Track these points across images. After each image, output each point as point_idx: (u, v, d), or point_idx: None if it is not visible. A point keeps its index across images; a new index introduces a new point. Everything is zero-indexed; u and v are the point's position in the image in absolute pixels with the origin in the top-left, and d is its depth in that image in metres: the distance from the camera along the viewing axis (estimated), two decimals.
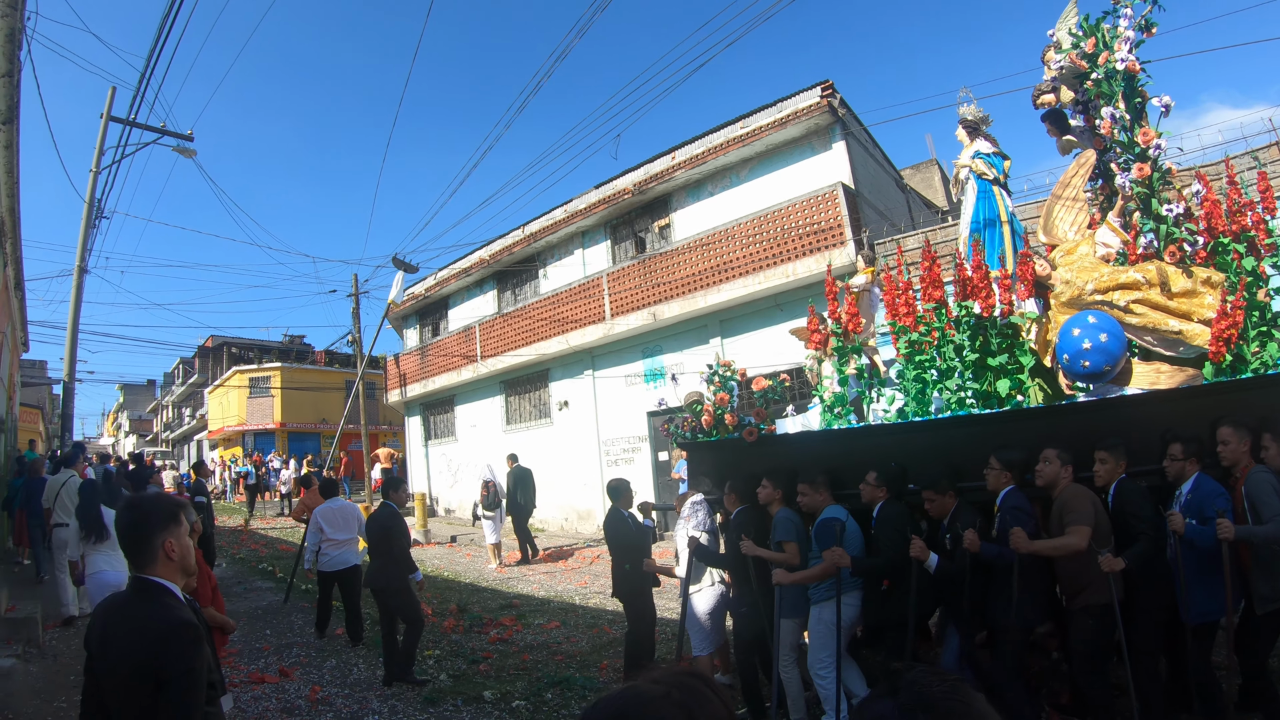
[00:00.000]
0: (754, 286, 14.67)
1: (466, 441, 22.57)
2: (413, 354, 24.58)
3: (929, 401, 5.80)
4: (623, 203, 17.64)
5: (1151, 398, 5.02)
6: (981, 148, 6.78)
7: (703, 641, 6.22)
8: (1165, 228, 5.65)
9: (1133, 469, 4.75)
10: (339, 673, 7.69)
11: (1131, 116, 5.83)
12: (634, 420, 17.55)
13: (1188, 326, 5.20)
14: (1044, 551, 4.58)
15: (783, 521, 5.59)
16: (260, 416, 36.10)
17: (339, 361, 39.38)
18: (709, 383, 6.91)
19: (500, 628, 9.31)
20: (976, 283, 5.56)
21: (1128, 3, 5.84)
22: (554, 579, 12.67)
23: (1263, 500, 4.31)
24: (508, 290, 21.73)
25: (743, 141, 15.39)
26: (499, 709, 6.47)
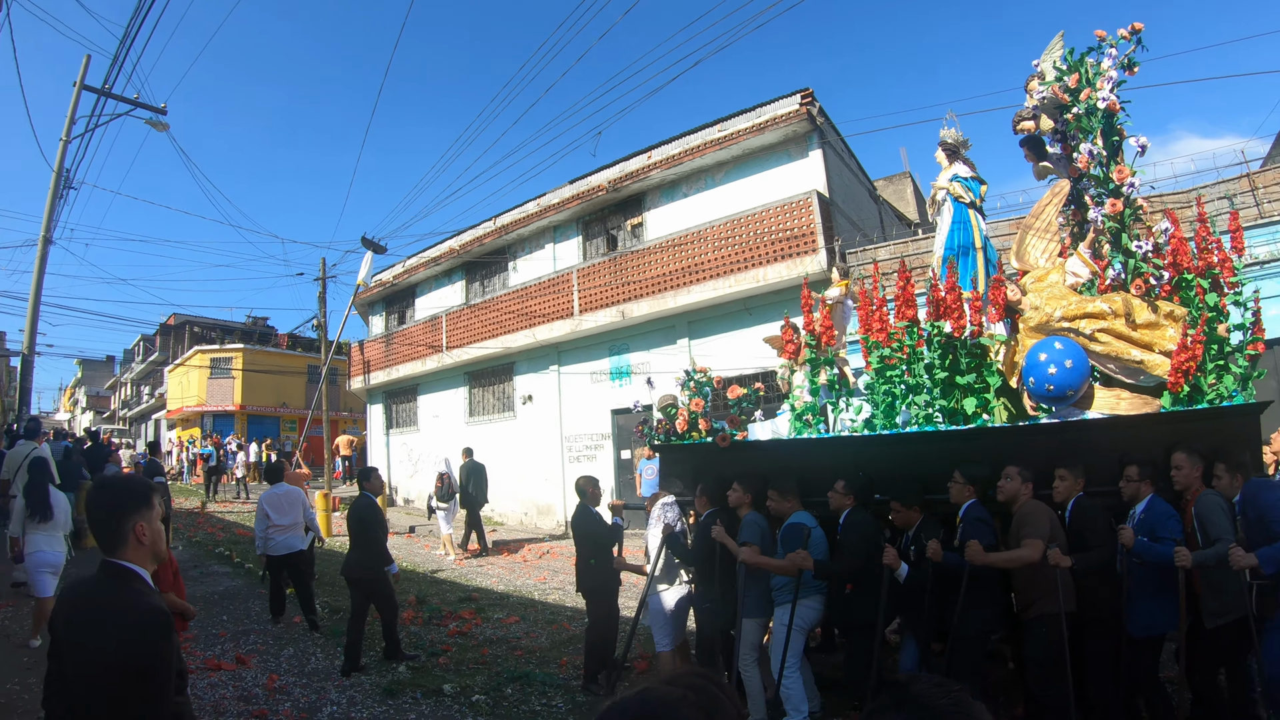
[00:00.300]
0: (724, 289, 14.75)
1: (428, 432, 22.46)
2: (377, 341, 24.46)
3: (896, 414, 6.00)
4: (596, 199, 17.65)
5: (1112, 423, 5.28)
6: (960, 171, 6.94)
7: (664, 638, 6.38)
8: (1133, 262, 5.89)
9: (1090, 489, 5.00)
10: (296, 661, 7.64)
11: (1108, 153, 6.03)
12: (598, 417, 17.58)
13: (1149, 357, 5.45)
14: (998, 563, 4.81)
15: (749, 525, 5.75)
16: (220, 398, 35.61)
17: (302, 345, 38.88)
18: (684, 387, 7.07)
19: (459, 621, 9.29)
20: (949, 303, 5.74)
21: (1112, 42, 6.02)
22: (513, 573, 12.67)
23: (1212, 522, 4.56)
24: (476, 281, 21.63)
25: (720, 145, 15.45)
26: (459, 703, 6.45)
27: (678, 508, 6.64)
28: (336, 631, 8.46)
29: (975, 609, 4.91)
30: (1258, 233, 11.80)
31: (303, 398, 36.57)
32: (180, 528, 16.44)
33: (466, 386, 21.52)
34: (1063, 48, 6.44)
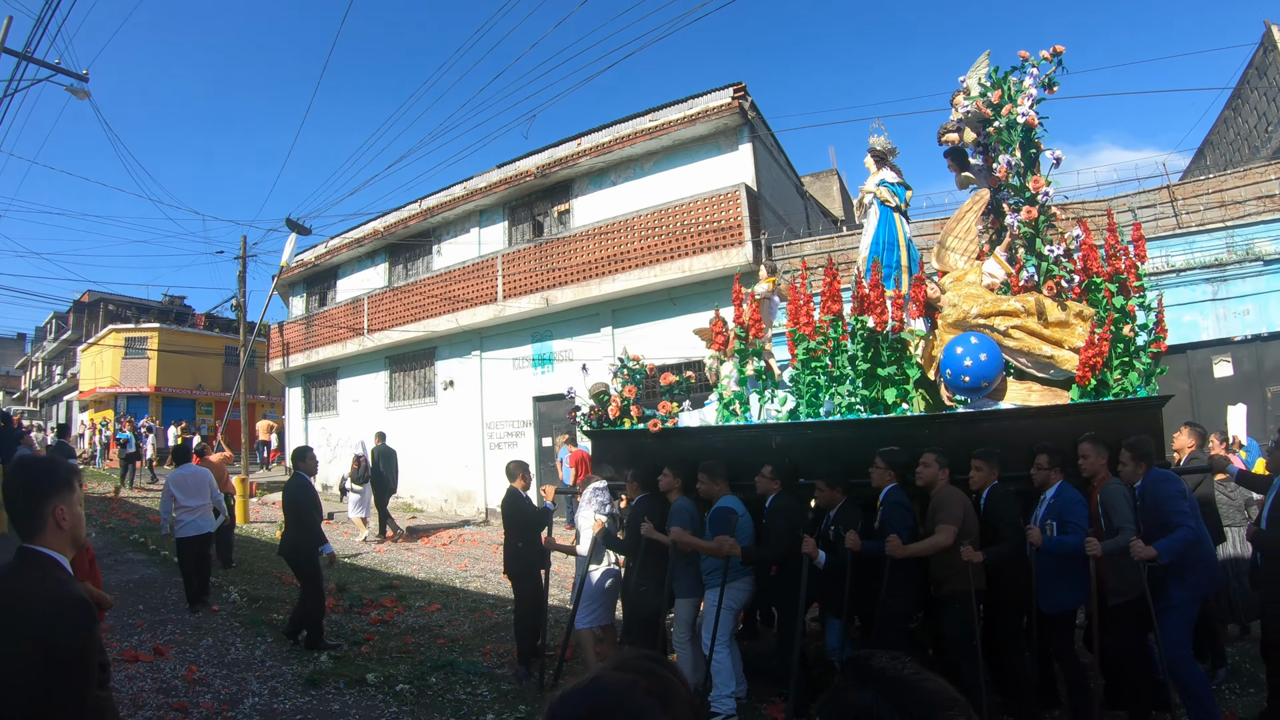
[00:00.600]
0: (649, 279, 14.89)
1: (348, 416, 22.16)
2: (297, 323, 24.05)
3: (820, 404, 6.30)
4: (524, 184, 17.65)
5: (1023, 413, 5.69)
6: (887, 177, 7.28)
7: (588, 616, 6.60)
8: (1046, 265, 6.29)
9: (1004, 474, 5.36)
10: (216, 652, 7.51)
11: (1025, 164, 6.40)
12: (520, 404, 17.65)
13: (1059, 352, 5.84)
14: (916, 554, 5.14)
15: (679, 509, 6.00)
16: (135, 379, 34.38)
17: (219, 326, 37.66)
18: (617, 375, 7.29)
19: (381, 609, 9.28)
20: (873, 300, 6.06)
21: (1034, 62, 6.40)
22: (434, 560, 12.69)
23: (1115, 509, 4.95)
24: (399, 264, 21.44)
25: (650, 134, 15.57)
26: (382, 692, 6.42)
27: (608, 490, 6.85)
28: (256, 620, 8.41)
29: (896, 590, 5.21)
30: (1176, 242, 12.37)
31: (219, 380, 35.55)
32: (94, 514, 16.03)
33: (387, 371, 21.35)
34: (988, 65, 6.79)
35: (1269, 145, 14.45)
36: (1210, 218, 12.49)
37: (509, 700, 6.28)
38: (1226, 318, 12.09)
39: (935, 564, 5.27)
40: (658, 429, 6.65)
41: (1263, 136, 14.93)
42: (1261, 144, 14.90)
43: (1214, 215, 12.51)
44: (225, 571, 11.15)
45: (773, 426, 6.35)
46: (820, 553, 5.39)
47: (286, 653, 7.43)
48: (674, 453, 6.43)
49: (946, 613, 5.31)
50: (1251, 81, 15.07)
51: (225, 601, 9.39)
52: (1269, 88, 14.30)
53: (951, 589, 5.20)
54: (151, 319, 37.35)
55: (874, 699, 1.06)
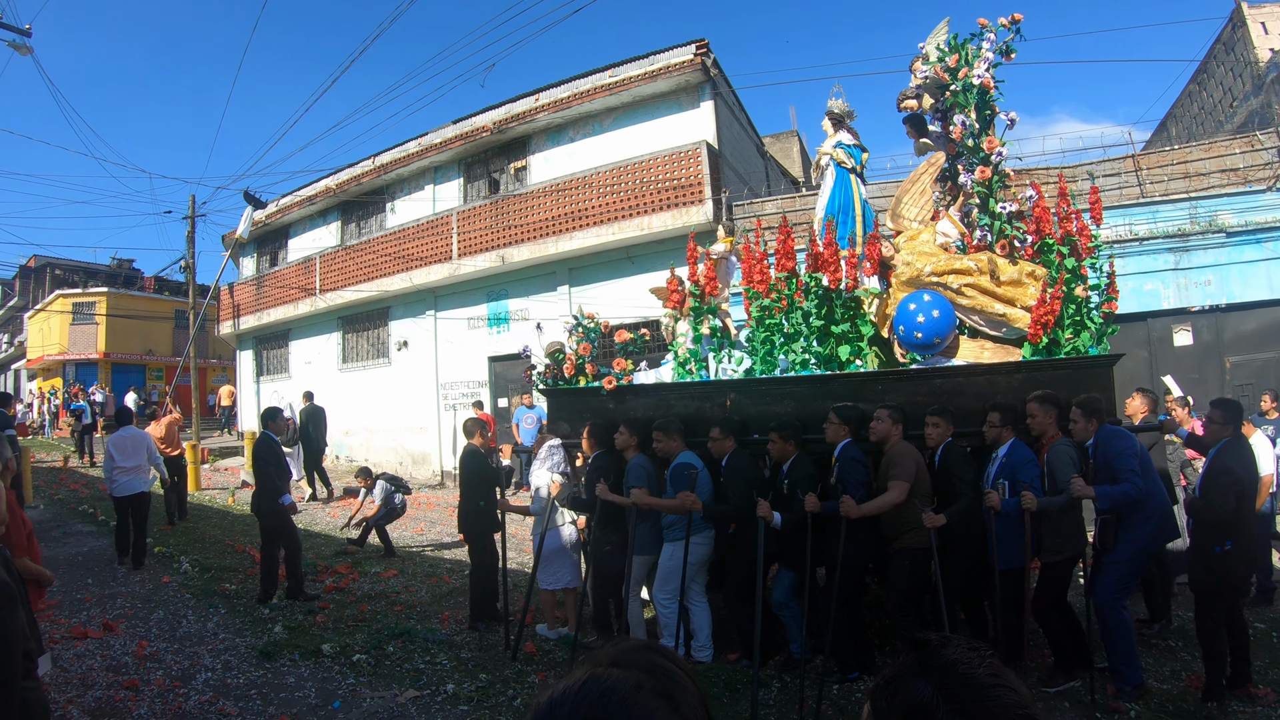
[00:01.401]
0: (608, 236, 14.86)
1: (300, 379, 21.74)
2: (248, 284, 23.61)
3: (775, 363, 6.43)
4: (480, 140, 17.42)
5: (975, 370, 5.86)
6: (844, 139, 7.41)
7: (550, 577, 6.73)
8: (999, 224, 6.48)
9: (957, 430, 5.52)
10: (167, 625, 7.35)
11: (981, 126, 6.60)
12: (475, 364, 17.56)
13: (1011, 311, 6.00)
14: (871, 512, 5.27)
15: (636, 467, 6.10)
16: (83, 345, 33.47)
17: (169, 289, 36.65)
18: (571, 333, 7.36)
19: (336, 576, 9.17)
20: (827, 258, 6.19)
21: (992, 30, 6.58)
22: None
23: (1059, 470, 5.13)
24: (352, 222, 21.13)
25: (610, 90, 15.44)
26: (339, 663, 6.29)
27: (563, 449, 6.93)
28: (209, 591, 8.33)
29: (851, 543, 5.30)
30: (1139, 212, 12.57)
31: (169, 344, 34.73)
32: (42, 485, 15.87)
33: (340, 332, 21.07)
34: (947, 32, 6.93)
35: (1233, 120, 14.55)
36: (1174, 188, 12.84)
37: (469, 669, 6.17)
38: (1188, 288, 12.28)
39: (887, 519, 5.41)
40: (612, 386, 6.72)
41: (1227, 111, 15.04)
42: (1226, 118, 15.03)
43: (1178, 186, 12.79)
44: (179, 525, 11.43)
45: (727, 383, 6.45)
46: (775, 514, 5.47)
47: (240, 624, 7.29)
48: (629, 410, 6.55)
49: (893, 567, 5.49)
50: (1218, 57, 15.20)
51: (176, 572, 9.23)
52: (1236, 63, 14.41)
53: (902, 545, 5.37)
54: (99, 283, 36.31)
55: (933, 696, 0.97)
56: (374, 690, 5.76)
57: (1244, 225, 12.04)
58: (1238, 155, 12.57)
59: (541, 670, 6.04)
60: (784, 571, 5.94)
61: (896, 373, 6.03)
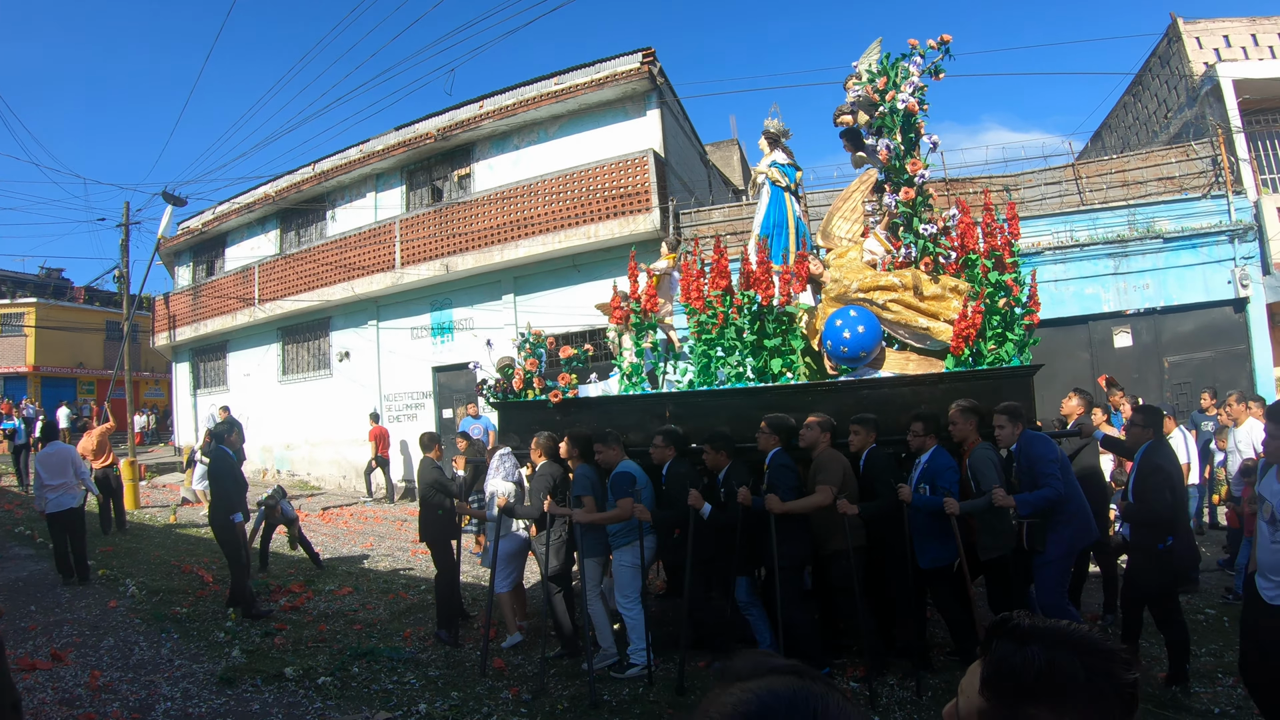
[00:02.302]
0: (553, 245, 15.12)
1: (239, 391, 21.56)
2: (184, 294, 23.29)
3: (714, 375, 6.83)
4: (423, 148, 17.59)
5: (900, 380, 6.31)
6: (779, 158, 7.80)
7: (504, 581, 7.04)
8: (922, 242, 6.91)
9: (882, 438, 5.92)
10: (119, 653, 7.03)
11: (905, 148, 6.98)
12: (419, 375, 17.65)
13: (934, 324, 6.42)
14: (795, 510, 5.69)
15: (580, 478, 6.47)
16: (11, 358, 32.42)
17: (100, 299, 35.52)
18: (520, 349, 7.66)
19: (290, 595, 9.06)
20: (759, 276, 6.59)
21: (921, 51, 6.96)
22: (338, 540, 12.64)
23: (981, 474, 5.54)
24: (292, 230, 21.06)
25: (556, 97, 15.72)
26: (303, 686, 6.15)
27: (513, 458, 7.31)
28: (159, 615, 8.10)
29: (786, 544, 5.74)
30: (1080, 218, 13.19)
31: (101, 357, 33.67)
32: None
33: (280, 343, 20.93)
34: (879, 52, 7.33)
35: (1168, 130, 15.06)
36: (1113, 196, 13.43)
37: (439, 687, 6.14)
38: (1127, 291, 12.91)
39: (817, 523, 5.85)
40: (558, 399, 7.13)
41: (1162, 122, 15.53)
42: (1160, 129, 15.59)
43: (1117, 194, 13.36)
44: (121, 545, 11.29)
45: (667, 395, 6.91)
46: (705, 504, 5.89)
47: (195, 650, 7.08)
48: (575, 422, 6.94)
49: (832, 569, 5.94)
50: (1154, 70, 15.74)
51: (123, 596, 8.94)
52: (1171, 76, 14.91)
53: (834, 547, 5.79)
54: (28, 293, 34.92)
55: (1045, 653, 1.12)
56: (343, 714, 5.67)
57: (1180, 231, 12.86)
58: (1174, 164, 13.24)
59: (514, 685, 6.04)
60: (738, 577, 6.24)
61: (826, 384, 6.52)
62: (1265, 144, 13.77)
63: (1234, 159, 12.63)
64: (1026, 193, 13.49)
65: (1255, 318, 12.35)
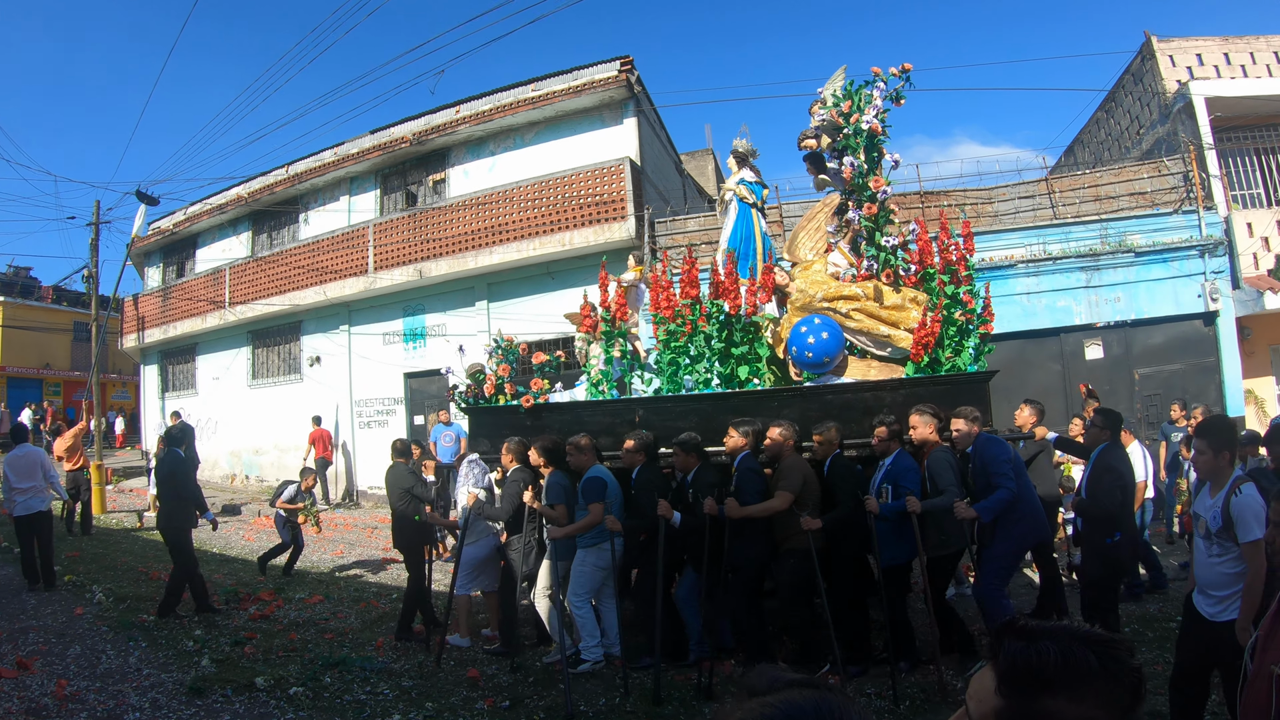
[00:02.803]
0: (528, 251, 15.32)
1: (208, 395, 21.57)
2: (153, 295, 23.24)
3: (681, 383, 7.10)
4: (398, 151, 17.72)
5: (861, 386, 6.66)
6: (747, 176, 8.10)
7: (469, 583, 7.26)
8: (884, 256, 7.22)
9: (848, 440, 6.29)
10: (86, 661, 6.94)
11: (869, 166, 7.31)
12: (390, 381, 17.73)
13: (895, 333, 6.80)
14: (752, 515, 5.97)
15: (552, 485, 6.72)
16: None
17: (68, 299, 34.96)
18: (491, 355, 7.88)
19: (260, 603, 8.96)
20: (728, 287, 6.90)
21: (884, 78, 7.32)
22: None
23: (939, 475, 5.84)
24: (264, 233, 21.12)
25: (533, 104, 15.93)
26: (275, 697, 6.05)
27: (482, 463, 7.53)
28: (126, 623, 7.98)
29: (746, 545, 6.08)
30: (1053, 232, 13.44)
31: (68, 358, 33.16)
32: None
33: (250, 346, 20.98)
34: (844, 79, 7.68)
35: (1140, 146, 15.26)
36: (1086, 210, 13.64)
37: (413, 698, 6.09)
38: (1099, 304, 13.15)
39: (777, 524, 6.14)
40: (530, 405, 7.31)
41: (1134, 138, 15.74)
42: (1133, 145, 15.92)
43: (1090, 208, 13.53)
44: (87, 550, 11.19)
45: (637, 401, 7.14)
46: (675, 513, 6.14)
47: (164, 659, 6.98)
48: (546, 427, 7.15)
49: (782, 566, 6.21)
50: (1127, 86, 16.01)
51: (90, 603, 8.85)
52: (1144, 93, 15.18)
53: (790, 546, 6.09)
54: None
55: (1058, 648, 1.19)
56: None
57: (1152, 245, 13.19)
58: (1146, 180, 13.45)
59: (489, 696, 5.99)
60: (688, 571, 6.71)
61: (790, 390, 6.83)
62: (1236, 160, 14.15)
63: (1205, 175, 13.02)
64: (1000, 206, 13.76)
65: (1224, 331, 12.64)
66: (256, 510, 15.92)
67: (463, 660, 6.87)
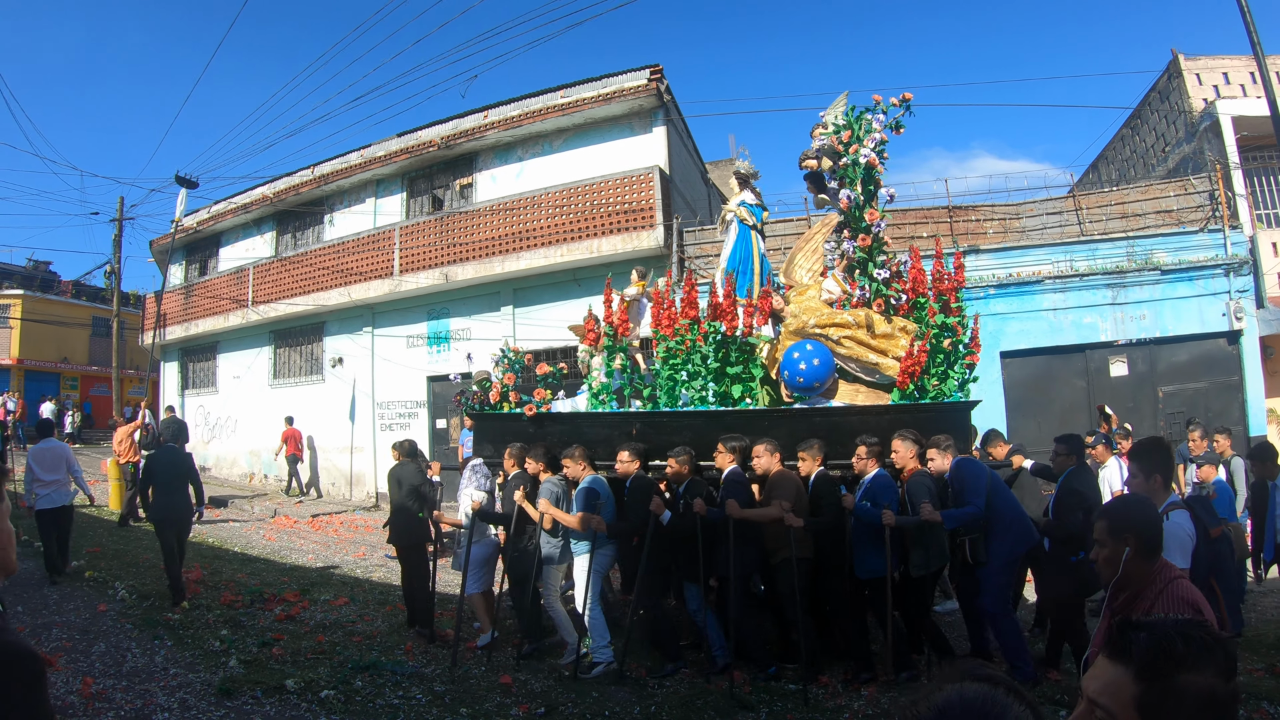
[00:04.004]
0: (555, 258, 15.70)
1: (228, 394, 21.98)
2: (175, 293, 23.82)
3: (678, 398, 7.52)
4: (425, 155, 18.14)
5: (849, 410, 7.10)
6: (747, 198, 8.43)
7: (475, 583, 7.64)
8: (875, 285, 7.64)
9: (831, 461, 6.71)
10: (111, 659, 6.94)
11: (865, 198, 7.68)
12: (413, 384, 18.11)
13: (883, 360, 7.20)
14: (750, 518, 6.41)
15: (547, 490, 7.09)
16: None
17: (87, 294, 35.20)
18: (498, 364, 8.29)
19: (285, 604, 9.03)
20: (725, 309, 7.33)
21: (883, 108, 7.67)
22: (329, 549, 12.92)
23: (916, 497, 6.23)
24: (288, 233, 21.58)
25: (562, 110, 16.31)
26: (306, 700, 6.09)
27: (486, 468, 7.94)
28: (151, 621, 8.04)
29: (739, 553, 6.41)
30: (1080, 248, 13.61)
31: (86, 352, 33.44)
32: None
33: (271, 346, 21.41)
34: (845, 105, 8.02)
35: (1166, 164, 15.36)
36: (1112, 228, 13.60)
37: (447, 703, 6.16)
38: (1124, 321, 13.35)
39: (769, 536, 6.62)
40: (533, 413, 7.75)
41: (1159, 155, 15.81)
42: (1158, 162, 16.01)
43: (1116, 225, 13.55)
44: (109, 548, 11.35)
45: (634, 414, 7.58)
46: (665, 511, 6.64)
47: (190, 658, 7.01)
48: (547, 435, 7.61)
49: (779, 576, 6.66)
50: (1153, 104, 16.15)
51: (113, 600, 8.94)
52: (1170, 111, 15.29)
53: (782, 557, 6.52)
54: (14, 285, 34.63)
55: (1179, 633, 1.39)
56: None
57: (1178, 264, 13.50)
58: (1172, 198, 13.46)
59: (523, 702, 6.10)
60: (688, 585, 7.02)
61: (781, 411, 7.27)
62: (1261, 180, 14.55)
63: (1231, 194, 13.33)
64: (1028, 222, 14.04)
65: (1248, 350, 12.96)
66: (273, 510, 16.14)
67: (493, 665, 6.98)
